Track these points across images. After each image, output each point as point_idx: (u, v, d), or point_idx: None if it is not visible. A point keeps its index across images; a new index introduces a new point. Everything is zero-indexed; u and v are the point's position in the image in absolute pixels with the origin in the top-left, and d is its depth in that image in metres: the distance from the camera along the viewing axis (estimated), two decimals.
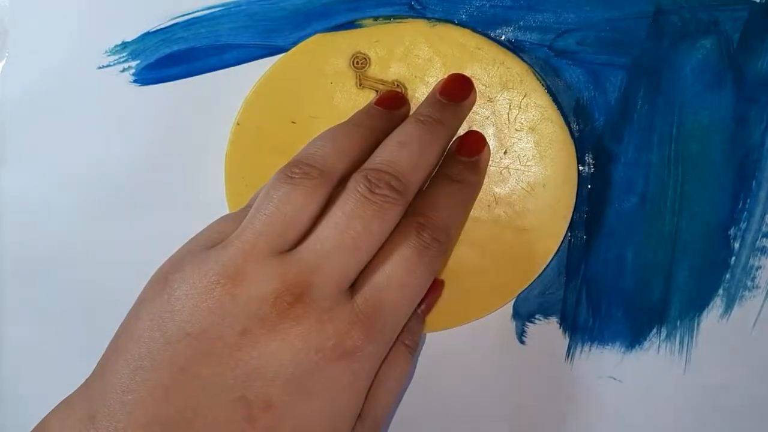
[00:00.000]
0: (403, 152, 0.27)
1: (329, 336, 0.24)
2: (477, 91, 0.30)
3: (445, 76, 0.30)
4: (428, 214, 0.27)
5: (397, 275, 0.25)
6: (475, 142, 0.30)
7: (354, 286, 0.25)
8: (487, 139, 0.31)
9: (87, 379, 0.25)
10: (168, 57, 0.33)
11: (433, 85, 0.31)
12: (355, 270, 0.25)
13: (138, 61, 0.33)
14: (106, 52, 0.33)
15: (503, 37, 0.31)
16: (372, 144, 0.28)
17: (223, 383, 0.23)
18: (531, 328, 0.33)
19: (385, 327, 0.25)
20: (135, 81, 0.33)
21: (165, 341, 0.23)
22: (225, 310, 0.24)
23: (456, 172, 0.29)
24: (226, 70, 0.32)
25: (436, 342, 0.33)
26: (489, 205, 0.31)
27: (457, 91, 0.30)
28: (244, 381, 0.23)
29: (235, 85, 0.32)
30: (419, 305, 0.29)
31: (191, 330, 0.23)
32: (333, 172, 0.26)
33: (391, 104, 0.30)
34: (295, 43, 0.31)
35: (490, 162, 0.31)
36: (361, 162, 0.27)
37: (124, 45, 0.33)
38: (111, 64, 0.33)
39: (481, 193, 0.31)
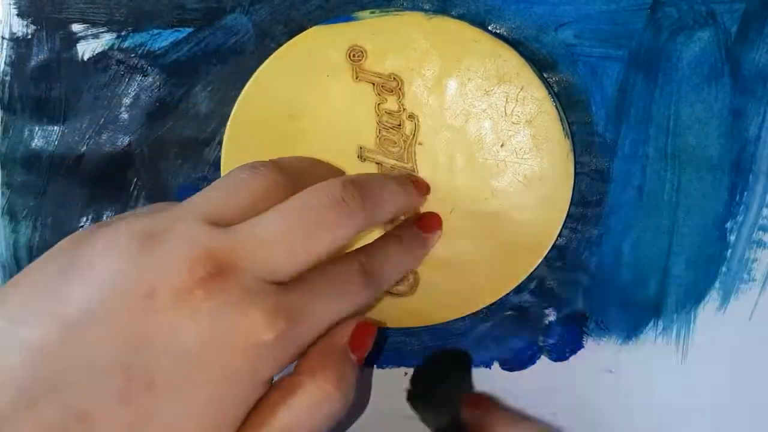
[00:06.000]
0: (387, 193, 0.27)
1: (246, 320, 0.21)
2: (474, 84, 0.30)
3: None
4: (373, 261, 0.26)
5: (332, 292, 0.24)
6: (433, 222, 0.31)
7: (286, 284, 0.23)
8: (485, 132, 0.31)
9: None
10: None
11: (430, 77, 0.31)
12: (288, 267, 0.23)
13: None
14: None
15: (500, 30, 0.31)
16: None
17: (110, 347, 0.20)
18: None
19: (303, 336, 0.23)
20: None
21: (59, 301, 0.21)
22: (137, 267, 0.21)
23: (408, 238, 0.29)
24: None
25: (430, 334, 0.33)
26: (486, 198, 0.31)
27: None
28: (133, 348, 0.20)
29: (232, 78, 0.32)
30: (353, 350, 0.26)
31: (95, 284, 0.21)
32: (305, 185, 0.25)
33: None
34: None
35: (487, 155, 0.31)
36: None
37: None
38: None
39: (478, 186, 0.31)
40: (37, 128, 0.33)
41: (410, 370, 0.33)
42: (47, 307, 0.21)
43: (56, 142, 0.34)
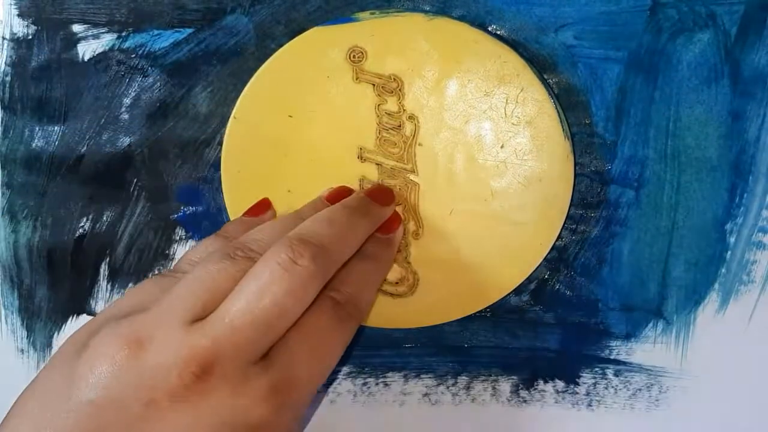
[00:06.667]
0: (333, 229, 0.27)
1: (242, 410, 0.23)
2: (474, 85, 0.30)
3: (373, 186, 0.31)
4: (343, 290, 0.27)
5: (313, 348, 0.25)
6: (391, 222, 0.31)
7: (268, 357, 0.24)
8: (485, 133, 0.31)
9: None
10: None
11: (430, 78, 0.31)
12: (266, 344, 0.24)
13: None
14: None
15: (500, 32, 0.31)
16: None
17: None
18: None
19: (299, 400, 0.25)
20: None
21: (68, 408, 0.23)
22: (131, 378, 0.23)
23: (371, 249, 0.29)
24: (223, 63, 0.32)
25: (430, 335, 0.33)
26: (485, 199, 0.31)
27: (383, 196, 0.31)
28: None
29: (232, 78, 0.32)
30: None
31: (95, 397, 0.23)
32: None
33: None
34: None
35: (487, 156, 0.31)
36: None
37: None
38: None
39: (478, 188, 0.31)
40: (37, 128, 0.34)
41: (409, 374, 0.33)
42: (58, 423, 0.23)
43: (56, 143, 0.34)
